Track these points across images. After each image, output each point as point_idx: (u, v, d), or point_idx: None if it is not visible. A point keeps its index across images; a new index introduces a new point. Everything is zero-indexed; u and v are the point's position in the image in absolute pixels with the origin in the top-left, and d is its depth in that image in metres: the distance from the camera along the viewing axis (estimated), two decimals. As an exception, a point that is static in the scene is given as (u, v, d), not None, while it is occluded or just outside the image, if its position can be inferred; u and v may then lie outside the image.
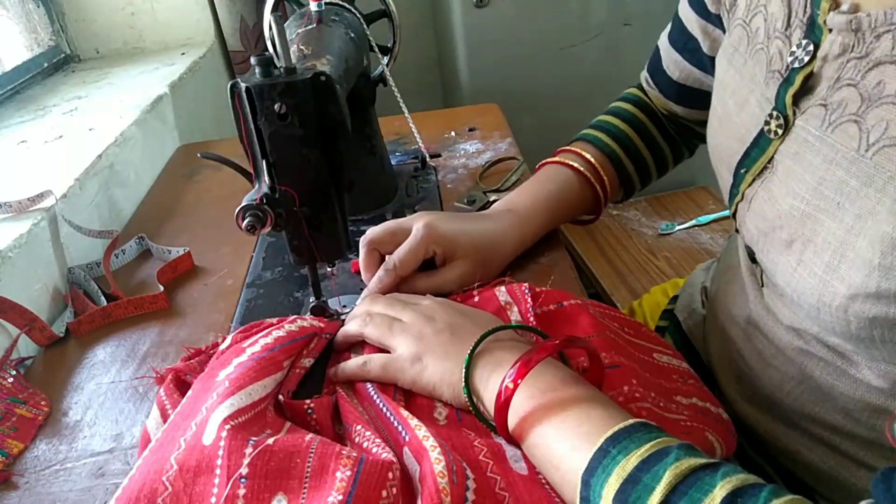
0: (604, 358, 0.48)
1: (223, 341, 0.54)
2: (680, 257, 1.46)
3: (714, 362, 0.65)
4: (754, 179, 0.49)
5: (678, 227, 1.54)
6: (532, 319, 0.54)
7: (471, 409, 0.46)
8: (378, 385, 0.50)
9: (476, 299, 0.58)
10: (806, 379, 0.51)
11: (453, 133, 1.04)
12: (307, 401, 0.47)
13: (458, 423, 0.47)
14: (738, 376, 0.60)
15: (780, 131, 0.46)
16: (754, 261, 0.53)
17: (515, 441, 0.44)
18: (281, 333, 0.51)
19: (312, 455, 0.40)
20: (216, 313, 0.68)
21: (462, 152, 0.97)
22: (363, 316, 0.54)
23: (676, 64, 0.69)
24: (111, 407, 0.57)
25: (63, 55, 1.32)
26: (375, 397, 0.48)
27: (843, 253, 0.40)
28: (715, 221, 1.55)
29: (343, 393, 0.49)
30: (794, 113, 0.45)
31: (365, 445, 0.43)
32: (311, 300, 0.59)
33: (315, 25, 0.65)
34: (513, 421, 0.43)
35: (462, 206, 0.80)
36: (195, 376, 0.52)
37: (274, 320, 0.55)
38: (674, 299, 0.81)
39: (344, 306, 0.61)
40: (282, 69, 0.48)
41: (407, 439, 0.42)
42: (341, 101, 0.51)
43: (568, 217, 0.73)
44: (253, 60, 0.48)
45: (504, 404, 0.42)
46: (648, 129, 0.76)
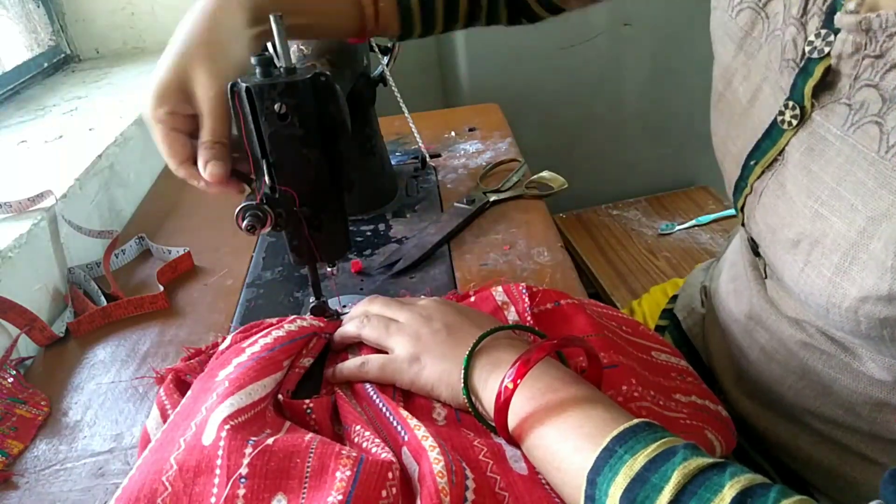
0: (602, 357, 0.48)
1: (223, 341, 0.54)
2: (680, 257, 1.46)
3: (714, 359, 0.65)
4: (764, 171, 0.48)
5: (678, 227, 1.54)
6: (529, 319, 0.54)
7: (470, 410, 0.46)
8: (377, 385, 0.50)
9: (472, 299, 0.58)
10: (808, 373, 0.51)
11: (453, 133, 1.04)
12: (306, 400, 0.47)
13: (458, 424, 0.47)
14: (739, 372, 0.60)
15: (795, 122, 0.45)
16: (757, 254, 0.53)
17: (515, 442, 0.44)
18: (281, 333, 0.51)
19: (312, 455, 0.40)
20: (216, 313, 0.68)
21: (462, 152, 0.97)
22: (361, 317, 0.54)
23: None
24: (111, 407, 0.57)
25: (63, 55, 1.32)
26: (374, 397, 0.48)
27: (855, 255, 0.40)
28: (715, 221, 1.55)
29: (342, 393, 0.49)
30: (813, 105, 0.44)
31: (364, 445, 0.43)
32: (311, 300, 0.59)
33: (315, 25, 0.65)
34: (513, 421, 0.43)
35: (462, 206, 0.80)
36: (195, 376, 0.52)
37: (274, 320, 0.55)
38: (673, 299, 0.80)
39: (344, 306, 0.61)
40: (282, 69, 0.48)
41: (406, 439, 0.42)
42: (341, 101, 0.51)
43: (322, 18, 0.61)
44: (253, 60, 0.48)
45: (504, 405, 0.42)
46: None
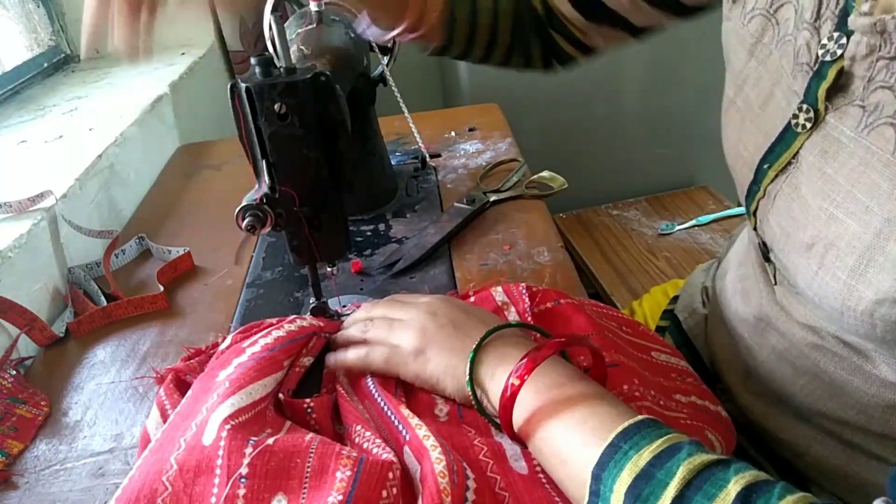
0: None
1: (223, 341, 0.54)
2: (680, 257, 1.46)
3: (719, 359, 0.65)
4: (777, 175, 0.48)
5: (678, 227, 1.54)
6: (529, 319, 0.54)
7: (473, 404, 0.46)
8: (379, 380, 0.49)
9: (472, 299, 0.58)
10: (819, 374, 0.51)
11: (453, 133, 1.04)
12: (307, 400, 0.47)
13: (460, 420, 0.47)
14: (747, 372, 0.59)
15: (809, 125, 0.45)
16: (768, 259, 0.53)
17: (519, 437, 0.44)
18: (281, 333, 0.51)
19: (312, 455, 0.40)
20: (216, 313, 0.68)
21: (462, 152, 0.97)
22: (364, 321, 0.54)
23: None
24: (111, 407, 0.57)
25: (63, 55, 1.32)
26: (376, 394, 0.48)
27: (871, 257, 0.40)
28: (715, 221, 1.55)
29: (343, 391, 0.49)
30: (827, 108, 0.44)
31: (365, 446, 0.43)
32: (311, 300, 0.59)
33: (315, 25, 0.65)
34: (519, 417, 0.43)
35: (462, 206, 0.80)
36: (195, 376, 0.52)
37: (274, 320, 0.55)
38: (674, 299, 0.80)
39: (344, 306, 0.61)
40: (282, 69, 0.48)
41: (408, 438, 0.42)
42: (341, 101, 0.51)
43: None
44: (253, 60, 0.48)
45: (510, 400, 0.42)
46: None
